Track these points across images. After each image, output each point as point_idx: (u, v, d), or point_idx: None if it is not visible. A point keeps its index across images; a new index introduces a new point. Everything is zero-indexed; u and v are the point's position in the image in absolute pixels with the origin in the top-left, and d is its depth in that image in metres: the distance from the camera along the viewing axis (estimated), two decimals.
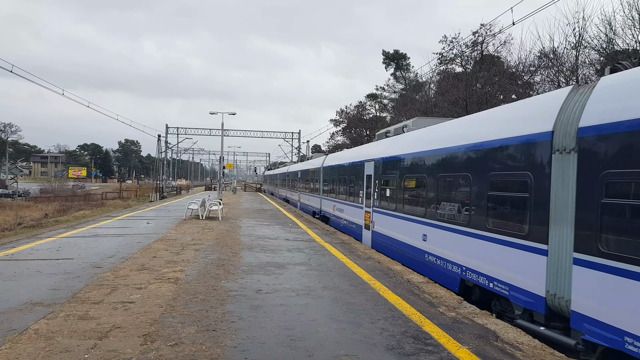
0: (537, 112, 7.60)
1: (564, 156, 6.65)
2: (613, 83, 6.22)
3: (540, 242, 7.01)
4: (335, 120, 77.65)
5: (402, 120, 46.26)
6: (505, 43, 36.81)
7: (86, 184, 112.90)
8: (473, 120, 10.48)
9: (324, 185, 26.21)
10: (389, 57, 68.57)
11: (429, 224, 11.03)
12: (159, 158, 66.66)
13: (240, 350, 5.67)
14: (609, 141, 5.86)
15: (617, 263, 5.56)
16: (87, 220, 22.48)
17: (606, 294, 5.71)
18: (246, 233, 17.75)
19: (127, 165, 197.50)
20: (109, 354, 5.45)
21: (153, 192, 55.36)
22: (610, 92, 6.16)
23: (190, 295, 8.18)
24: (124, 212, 27.95)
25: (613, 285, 5.60)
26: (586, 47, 27.02)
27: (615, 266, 5.58)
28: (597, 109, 6.18)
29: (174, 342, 5.85)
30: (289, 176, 44.96)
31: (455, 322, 7.12)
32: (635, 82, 5.83)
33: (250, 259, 11.95)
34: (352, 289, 9.01)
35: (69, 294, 8.07)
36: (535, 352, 5.95)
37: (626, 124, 5.60)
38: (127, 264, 10.86)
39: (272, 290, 8.75)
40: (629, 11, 25.17)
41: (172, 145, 73.65)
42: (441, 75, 44.40)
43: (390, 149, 14.71)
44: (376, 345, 5.96)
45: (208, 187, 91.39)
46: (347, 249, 14.10)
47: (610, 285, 5.65)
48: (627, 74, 6.13)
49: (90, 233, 16.76)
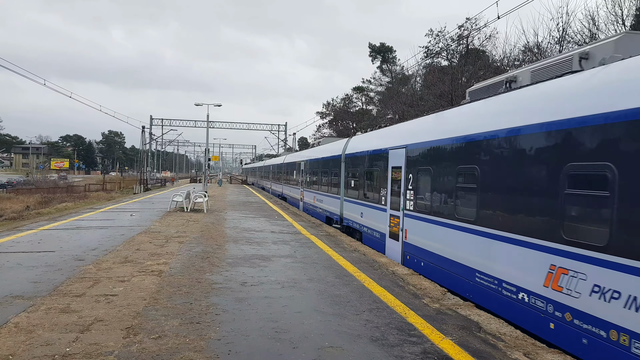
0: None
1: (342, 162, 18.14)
2: (354, 140, 18.21)
3: (338, 194, 18.71)
4: (321, 113, 77.62)
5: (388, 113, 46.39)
6: (490, 37, 37.04)
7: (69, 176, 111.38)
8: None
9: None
10: (375, 50, 68.45)
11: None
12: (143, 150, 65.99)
13: (225, 343, 5.65)
14: (351, 158, 17.10)
15: (349, 198, 17.08)
16: (70, 213, 22.19)
17: (347, 208, 17.36)
18: (231, 225, 17.67)
19: (111, 157, 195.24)
20: (90, 347, 5.39)
21: (137, 184, 54.82)
22: (352, 143, 17.83)
23: (174, 288, 8.12)
24: (108, 205, 27.65)
25: (349, 205, 17.18)
26: (570, 42, 27.32)
27: (347, 199, 17.22)
28: (348, 147, 17.70)
29: (157, 335, 5.81)
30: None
31: (439, 313, 7.17)
32: (353, 142, 17.82)
33: (236, 252, 11.90)
34: (337, 281, 9.03)
35: (50, 287, 7.96)
36: (517, 342, 6.03)
37: (354, 154, 16.73)
38: (110, 257, 10.75)
39: (257, 282, 8.73)
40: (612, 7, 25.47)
41: (156, 137, 72.99)
42: (427, 69, 44.51)
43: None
44: (360, 337, 5.99)
45: (193, 179, 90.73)
46: (333, 242, 14.12)
47: (348, 206, 17.28)
48: (357, 137, 18.19)
49: (73, 225, 16.54)
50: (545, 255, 6.31)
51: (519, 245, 6.88)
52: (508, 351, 5.66)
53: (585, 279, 5.58)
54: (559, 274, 6.03)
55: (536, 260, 6.48)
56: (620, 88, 5.57)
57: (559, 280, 6.04)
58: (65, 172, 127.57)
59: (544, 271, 6.30)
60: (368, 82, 69.78)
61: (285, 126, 75.20)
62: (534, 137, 6.74)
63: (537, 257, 6.46)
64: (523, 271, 6.81)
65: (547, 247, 6.29)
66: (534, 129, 6.75)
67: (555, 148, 6.32)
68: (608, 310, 5.21)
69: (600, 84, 5.99)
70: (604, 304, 5.28)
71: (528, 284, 6.67)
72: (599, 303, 5.36)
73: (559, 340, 6.00)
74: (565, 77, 6.92)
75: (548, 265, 6.25)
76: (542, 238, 6.39)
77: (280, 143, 74.48)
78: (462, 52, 39.02)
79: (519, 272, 6.90)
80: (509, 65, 31.88)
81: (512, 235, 7.06)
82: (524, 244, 6.79)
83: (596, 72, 6.20)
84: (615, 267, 5.15)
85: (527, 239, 6.70)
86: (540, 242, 6.41)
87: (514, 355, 5.54)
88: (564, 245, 5.94)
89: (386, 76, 66.74)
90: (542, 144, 6.58)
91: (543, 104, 6.87)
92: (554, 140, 6.37)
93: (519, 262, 6.88)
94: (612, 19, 25.83)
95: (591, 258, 5.51)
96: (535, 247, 6.52)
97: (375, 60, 69.00)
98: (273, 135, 75.60)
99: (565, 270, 5.91)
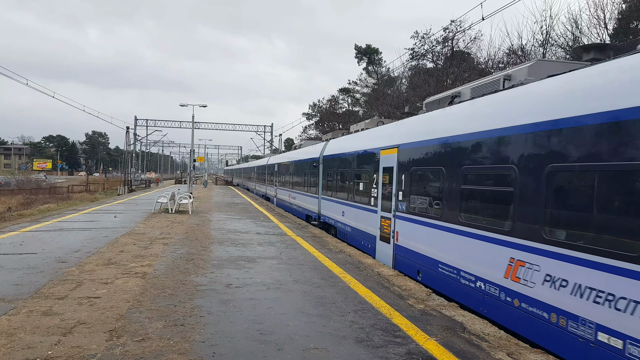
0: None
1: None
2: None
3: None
4: (307, 114, 77.63)
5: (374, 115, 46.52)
6: (475, 39, 37.41)
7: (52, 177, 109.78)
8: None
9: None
10: (361, 52, 68.73)
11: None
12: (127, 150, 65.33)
13: (209, 345, 5.62)
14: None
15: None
16: (53, 214, 21.87)
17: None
18: (217, 227, 17.59)
19: (95, 158, 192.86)
20: (73, 350, 5.33)
21: (121, 185, 54.26)
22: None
23: (158, 290, 8.06)
24: (91, 206, 27.32)
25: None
26: (553, 45, 27.73)
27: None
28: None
29: (141, 338, 5.76)
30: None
31: (423, 314, 7.22)
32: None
33: (221, 253, 11.84)
34: (322, 282, 9.03)
35: (32, 290, 7.85)
36: (500, 342, 6.09)
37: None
38: (94, 259, 10.62)
39: (243, 284, 8.70)
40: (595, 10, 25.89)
41: (141, 138, 72.31)
42: (413, 71, 44.79)
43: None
44: (345, 338, 6.00)
45: (178, 180, 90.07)
46: (319, 243, 14.12)
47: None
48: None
49: (56, 227, 16.32)
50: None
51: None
52: (492, 351, 5.72)
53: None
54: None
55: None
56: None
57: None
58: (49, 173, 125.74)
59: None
60: (354, 83, 70.04)
61: (271, 127, 75.04)
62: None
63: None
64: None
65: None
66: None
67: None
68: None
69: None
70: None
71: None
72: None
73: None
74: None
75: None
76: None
77: (267, 144, 74.30)
78: (447, 54, 39.34)
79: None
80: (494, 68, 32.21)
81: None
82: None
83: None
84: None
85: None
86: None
87: (497, 355, 5.60)
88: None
89: (372, 77, 67.02)
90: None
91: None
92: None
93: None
94: (594, 22, 26.28)
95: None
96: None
97: (361, 61, 69.28)
98: (259, 136, 75.39)
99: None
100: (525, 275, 6.40)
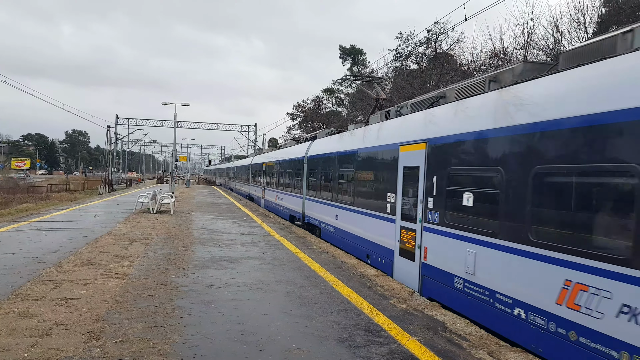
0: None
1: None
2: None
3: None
4: (292, 114, 77.47)
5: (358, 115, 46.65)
6: (458, 41, 37.74)
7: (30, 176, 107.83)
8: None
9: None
10: (345, 52, 68.88)
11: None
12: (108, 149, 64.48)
13: (190, 346, 5.55)
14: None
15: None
16: (31, 214, 21.48)
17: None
18: (199, 227, 17.44)
19: (75, 157, 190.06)
20: (50, 352, 5.23)
21: (102, 185, 53.55)
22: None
23: (138, 290, 7.95)
24: (71, 205, 26.89)
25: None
26: (534, 48, 28.06)
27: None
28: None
29: (120, 339, 5.67)
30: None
31: (405, 314, 7.24)
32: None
33: (203, 254, 11.74)
34: (305, 282, 9.01)
35: (8, 291, 7.68)
36: (481, 341, 6.14)
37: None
38: (72, 259, 10.45)
39: (225, 285, 8.63)
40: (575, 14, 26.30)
41: (122, 137, 71.42)
42: (396, 72, 45.01)
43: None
44: (328, 338, 5.99)
45: (160, 180, 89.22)
46: (302, 243, 14.10)
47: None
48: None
49: (34, 227, 16.02)
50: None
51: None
52: (472, 350, 5.76)
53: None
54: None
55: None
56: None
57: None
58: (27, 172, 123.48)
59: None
60: (338, 83, 70.13)
61: (255, 127, 74.71)
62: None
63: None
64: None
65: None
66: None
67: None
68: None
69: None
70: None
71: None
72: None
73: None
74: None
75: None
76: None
77: (250, 144, 73.97)
78: (431, 55, 39.62)
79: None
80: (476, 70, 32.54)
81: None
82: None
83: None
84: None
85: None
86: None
87: (478, 354, 5.64)
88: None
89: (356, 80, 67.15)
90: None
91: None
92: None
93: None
94: (575, 26, 26.68)
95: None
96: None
97: (345, 62, 69.42)
98: (242, 136, 75.03)
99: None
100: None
